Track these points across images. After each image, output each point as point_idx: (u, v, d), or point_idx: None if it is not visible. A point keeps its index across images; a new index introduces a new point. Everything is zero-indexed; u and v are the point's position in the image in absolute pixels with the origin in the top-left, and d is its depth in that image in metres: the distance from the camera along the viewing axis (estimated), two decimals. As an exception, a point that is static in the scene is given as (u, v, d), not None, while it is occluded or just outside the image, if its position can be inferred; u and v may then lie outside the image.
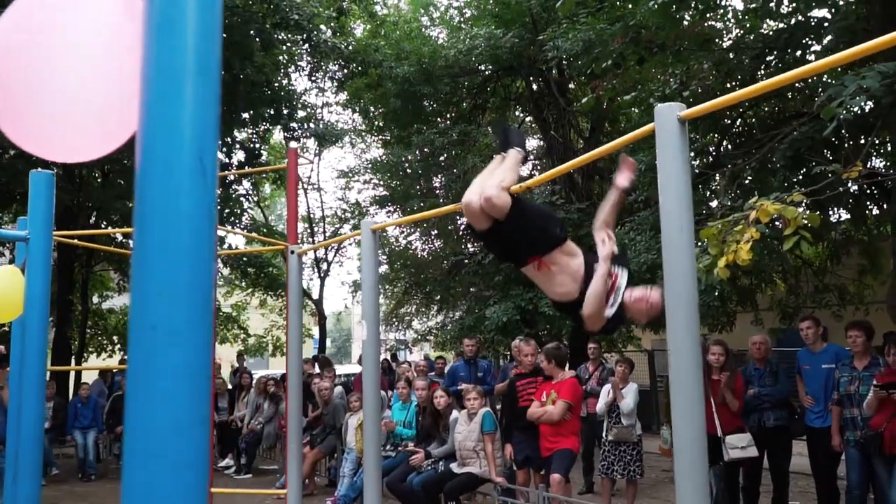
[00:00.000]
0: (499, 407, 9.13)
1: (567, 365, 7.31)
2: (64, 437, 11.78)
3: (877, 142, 7.57)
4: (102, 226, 15.22)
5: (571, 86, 15.08)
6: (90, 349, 18.60)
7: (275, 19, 10.95)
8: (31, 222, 3.83)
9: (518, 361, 7.69)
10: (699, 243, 5.60)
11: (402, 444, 7.75)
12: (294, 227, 7.82)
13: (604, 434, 7.62)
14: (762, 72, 9.47)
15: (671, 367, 2.78)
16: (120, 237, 15.74)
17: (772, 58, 7.94)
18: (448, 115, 16.98)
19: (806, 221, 4.70)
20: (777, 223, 5.69)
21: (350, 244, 21.04)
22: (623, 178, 3.44)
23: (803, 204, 9.06)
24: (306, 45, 11.94)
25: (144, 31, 1.23)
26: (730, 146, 10.79)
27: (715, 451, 6.59)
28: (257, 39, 10.79)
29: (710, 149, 11.59)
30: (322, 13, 11.85)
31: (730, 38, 8.66)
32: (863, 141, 6.32)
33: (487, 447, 6.70)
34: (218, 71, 1.32)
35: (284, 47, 13.18)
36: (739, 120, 11.07)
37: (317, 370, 10.94)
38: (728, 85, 8.44)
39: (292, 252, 5.94)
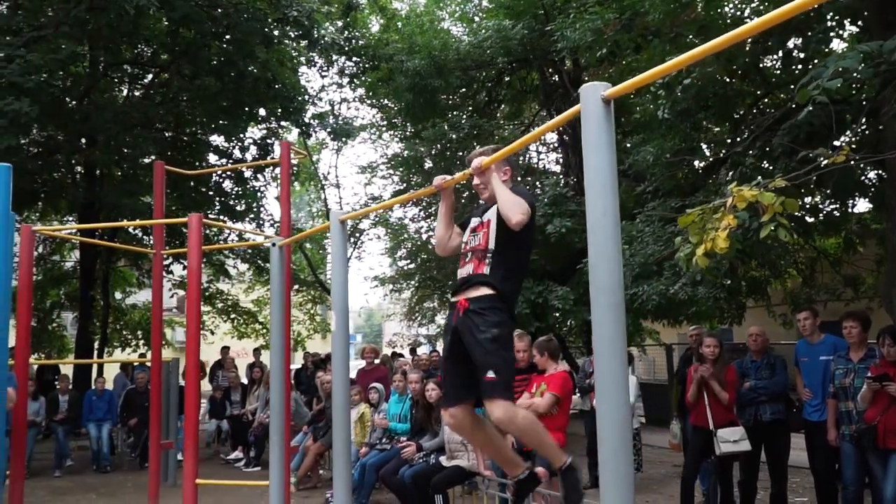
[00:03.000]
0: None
1: (560, 357, 7.20)
2: (78, 429, 11.94)
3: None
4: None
5: (585, 77, 14.89)
6: (115, 344, 18.90)
7: (276, 15, 10.98)
8: (-11, 214, 3.86)
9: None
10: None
11: (396, 439, 7.74)
12: (287, 219, 7.85)
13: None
14: (771, 57, 9.28)
15: (595, 356, 2.70)
16: (140, 234, 16.00)
17: (773, 42, 7.73)
18: (464, 109, 16.91)
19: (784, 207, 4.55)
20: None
21: (370, 239, 21.10)
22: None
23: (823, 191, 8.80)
24: (305, 41, 11.95)
25: None
26: (746, 135, 10.59)
27: (707, 445, 6.48)
28: (260, 36, 10.82)
29: (728, 139, 11.38)
30: (321, 9, 11.85)
31: (730, 21, 8.43)
32: (858, 124, 6.12)
33: (476, 440, 6.63)
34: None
35: (287, 41, 13.20)
36: (755, 110, 10.86)
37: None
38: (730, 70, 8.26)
39: (273, 245, 5.93)
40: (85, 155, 13.68)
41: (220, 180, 15.73)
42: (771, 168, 8.12)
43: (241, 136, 14.72)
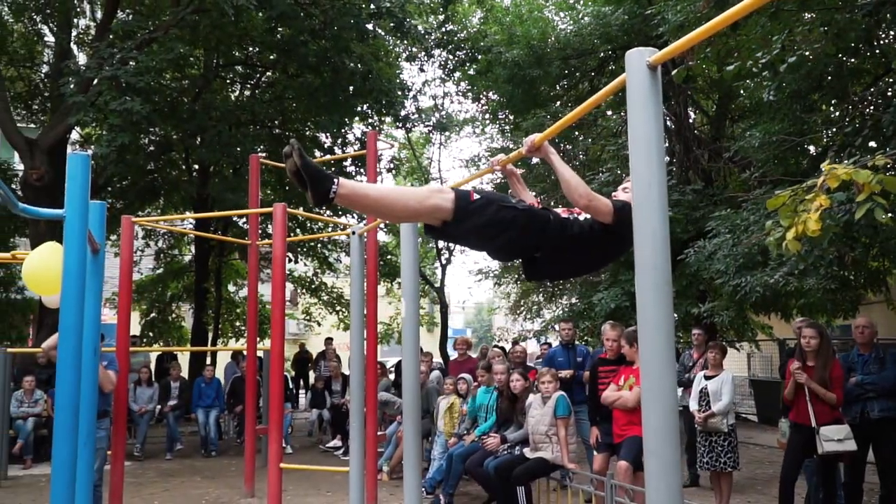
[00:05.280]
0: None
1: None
2: (189, 414, 12.50)
3: None
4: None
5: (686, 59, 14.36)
6: (229, 335, 19.68)
7: (370, 9, 11.13)
8: (68, 201, 4.03)
9: (605, 347, 7.41)
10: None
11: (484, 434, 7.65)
12: (373, 210, 7.90)
13: (695, 424, 7.22)
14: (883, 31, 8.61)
15: (640, 338, 2.55)
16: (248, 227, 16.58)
17: (888, 13, 7.16)
18: (566, 99, 16.63)
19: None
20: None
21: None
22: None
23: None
24: (398, 32, 12.04)
25: None
26: (854, 113, 9.90)
27: (809, 443, 6.08)
28: (354, 30, 11.01)
29: (846, 120, 10.70)
30: (414, 0, 11.92)
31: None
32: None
33: (560, 432, 6.49)
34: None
35: (382, 32, 13.34)
36: (873, 90, 10.14)
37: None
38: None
39: (353, 233, 5.98)
40: (197, 152, 14.31)
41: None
42: (884, 148, 7.54)
43: (343, 131, 15.02)
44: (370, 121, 15.66)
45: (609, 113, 15.88)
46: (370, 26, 11.60)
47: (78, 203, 4.00)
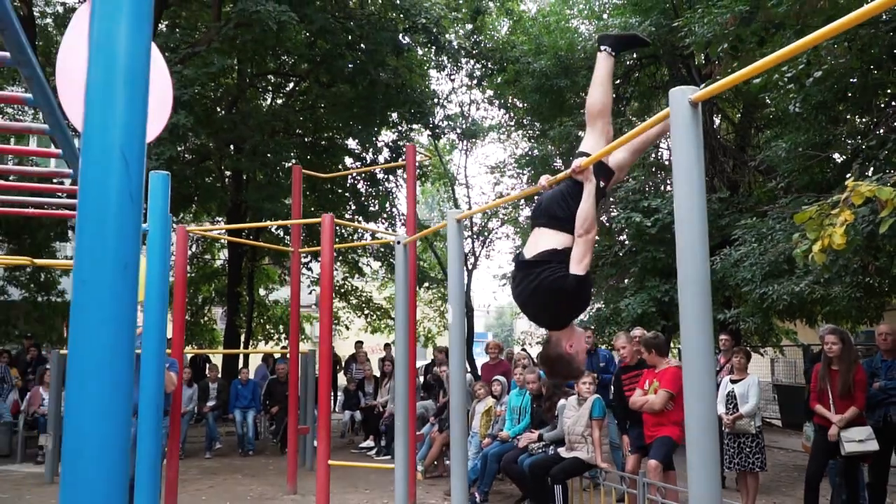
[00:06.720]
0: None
1: (669, 353, 7.23)
2: (227, 415, 12.89)
3: None
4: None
5: (716, 74, 14.59)
6: (259, 337, 20.13)
7: (405, 25, 11.51)
8: (151, 216, 4.40)
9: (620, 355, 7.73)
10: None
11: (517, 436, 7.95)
12: (412, 218, 8.24)
13: (723, 426, 7.47)
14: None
15: (683, 350, 2.86)
16: (282, 234, 17.00)
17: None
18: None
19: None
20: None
21: (499, 237, 21.41)
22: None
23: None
24: (433, 47, 12.42)
25: (88, 47, 1.55)
26: (879, 125, 10.10)
27: (833, 445, 6.34)
28: (391, 45, 11.40)
29: (864, 132, 10.89)
30: (448, 15, 12.28)
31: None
32: None
33: (595, 433, 6.80)
34: (145, 84, 1.62)
35: (417, 46, 13.72)
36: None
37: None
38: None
39: (398, 242, 6.31)
40: (233, 161, 14.75)
41: (355, 182, 16.50)
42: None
43: (374, 139, 15.40)
44: (399, 128, 16.04)
45: (634, 120, 16.13)
46: (404, 39, 11.97)
47: (160, 217, 4.36)
